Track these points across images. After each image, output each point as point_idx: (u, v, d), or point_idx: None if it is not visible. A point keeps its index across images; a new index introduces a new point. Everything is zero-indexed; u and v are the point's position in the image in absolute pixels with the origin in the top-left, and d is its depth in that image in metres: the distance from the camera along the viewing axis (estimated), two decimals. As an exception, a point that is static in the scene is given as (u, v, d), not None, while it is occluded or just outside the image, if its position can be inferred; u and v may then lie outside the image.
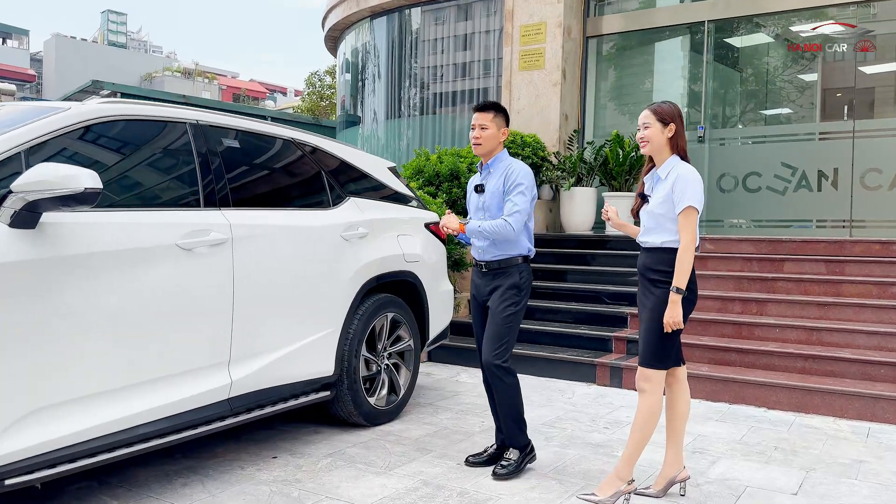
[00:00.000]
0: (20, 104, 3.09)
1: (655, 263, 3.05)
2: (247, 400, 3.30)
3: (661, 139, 3.06)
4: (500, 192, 3.41)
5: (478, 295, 3.54)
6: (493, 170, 3.47)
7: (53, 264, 2.49)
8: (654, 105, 3.13)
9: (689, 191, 2.94)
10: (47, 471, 2.50)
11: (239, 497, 3.03)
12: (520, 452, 3.42)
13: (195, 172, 3.20)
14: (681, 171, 3.01)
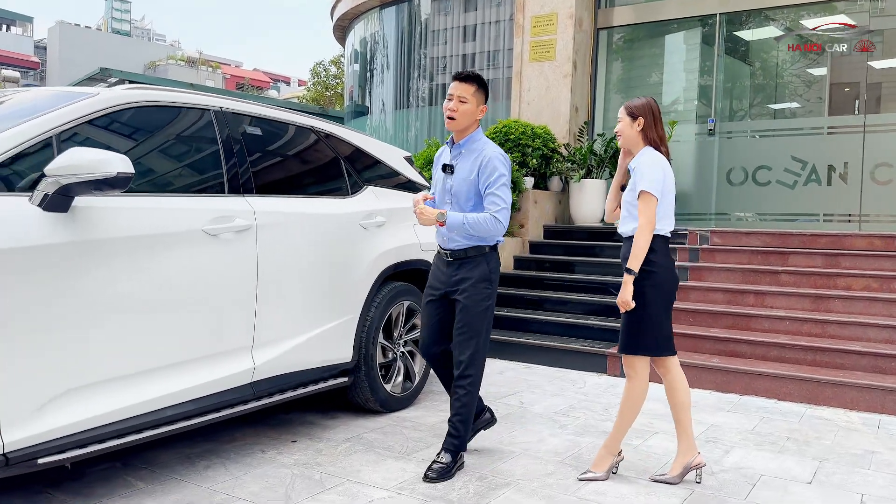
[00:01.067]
0: (46, 89, 3.12)
1: (628, 252, 3.13)
2: (269, 384, 3.34)
3: (632, 132, 3.17)
4: (472, 179, 3.17)
5: (439, 285, 3.29)
6: (466, 151, 3.22)
7: (85, 248, 2.52)
8: (628, 101, 3.26)
9: (647, 177, 3.03)
10: (77, 451, 2.54)
11: (262, 479, 3.07)
12: (453, 457, 3.22)
13: (219, 159, 3.23)
14: (643, 158, 3.12)
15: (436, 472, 3.13)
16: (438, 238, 3.30)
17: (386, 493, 2.98)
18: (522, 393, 4.84)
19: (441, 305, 3.32)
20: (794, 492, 3.13)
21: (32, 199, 2.42)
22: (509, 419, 4.16)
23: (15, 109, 2.85)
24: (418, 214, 3.15)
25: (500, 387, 5.00)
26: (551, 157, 8.11)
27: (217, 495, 2.88)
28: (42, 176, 2.48)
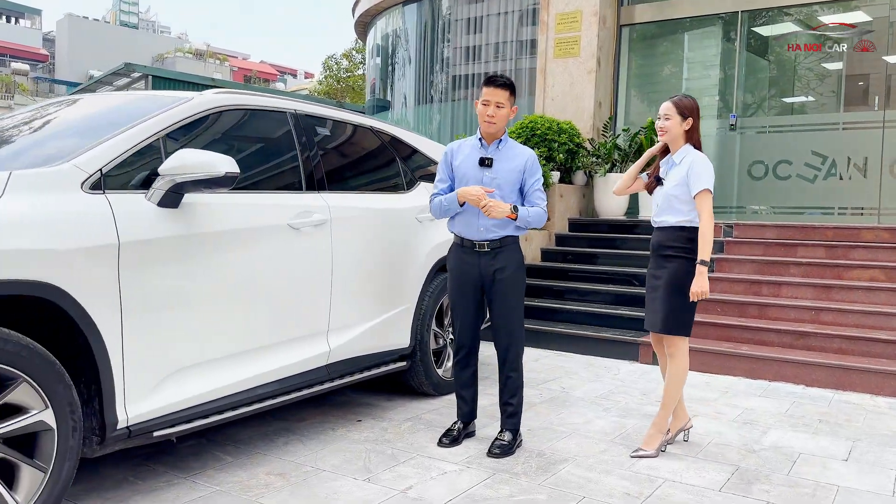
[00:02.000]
0: (142, 94, 3.36)
1: (668, 240, 3.42)
2: (341, 367, 3.59)
3: (679, 130, 3.42)
4: (516, 175, 3.38)
5: (474, 275, 3.41)
6: (503, 149, 3.42)
7: (191, 241, 2.77)
8: (675, 98, 3.48)
9: (705, 175, 3.31)
10: (185, 425, 2.80)
11: (339, 454, 3.32)
12: (514, 435, 3.46)
13: (297, 158, 3.48)
14: (695, 157, 3.38)
15: (499, 448, 3.38)
16: (467, 230, 3.40)
17: (455, 466, 3.23)
18: (561, 379, 5.08)
19: (475, 297, 3.46)
20: (832, 468, 3.37)
21: (149, 197, 2.66)
22: (555, 403, 4.40)
23: (111, 114, 3.09)
24: (491, 208, 3.22)
25: (538, 373, 5.24)
26: (577, 151, 8.33)
27: (303, 467, 3.14)
28: (152, 175, 2.73)
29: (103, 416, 2.47)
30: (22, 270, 2.19)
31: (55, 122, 3.14)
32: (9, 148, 2.88)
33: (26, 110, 3.49)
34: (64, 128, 3.04)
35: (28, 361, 2.20)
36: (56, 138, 2.91)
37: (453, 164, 3.47)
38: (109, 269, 2.45)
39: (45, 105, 3.49)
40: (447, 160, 3.50)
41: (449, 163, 3.49)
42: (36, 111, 3.37)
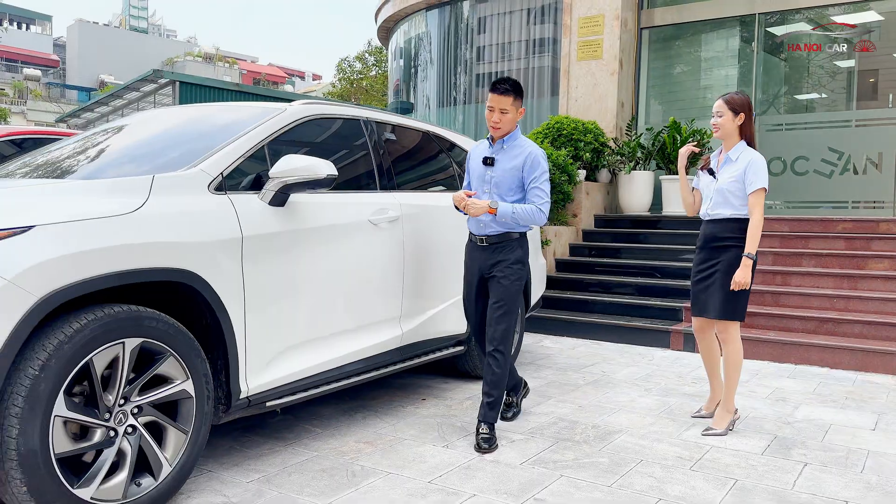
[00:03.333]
0: (231, 105, 3.74)
1: (723, 232, 3.62)
2: (411, 349, 3.96)
3: (732, 126, 3.63)
4: (516, 173, 3.46)
5: (475, 270, 3.58)
6: (507, 147, 3.51)
7: (295, 235, 3.14)
8: (727, 95, 3.67)
9: (762, 174, 3.54)
10: (290, 397, 3.17)
11: (414, 426, 3.69)
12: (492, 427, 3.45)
13: (371, 160, 3.85)
14: (753, 156, 3.58)
15: (487, 442, 3.35)
16: (473, 226, 3.58)
17: (521, 436, 3.59)
18: (600, 364, 5.43)
19: (479, 288, 3.62)
20: (861, 436, 3.71)
21: (261, 196, 3.03)
22: (599, 384, 4.76)
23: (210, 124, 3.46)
24: (469, 206, 3.38)
25: (578, 359, 5.60)
26: (601, 150, 8.68)
27: (385, 437, 3.51)
28: (258, 177, 3.10)
29: (229, 387, 2.85)
30: (170, 259, 2.57)
31: (160, 131, 3.52)
32: (127, 154, 3.26)
33: (123, 122, 3.88)
34: (171, 136, 3.41)
35: (174, 339, 2.58)
36: (170, 146, 3.28)
37: (469, 164, 3.70)
38: (235, 259, 2.82)
39: (142, 117, 3.88)
40: (469, 158, 3.71)
41: (470, 161, 3.71)
42: (135, 122, 3.76)
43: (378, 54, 33.50)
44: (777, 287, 6.43)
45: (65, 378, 2.24)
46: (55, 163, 3.29)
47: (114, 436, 2.42)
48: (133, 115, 4.03)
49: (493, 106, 3.45)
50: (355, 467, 3.09)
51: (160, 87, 15.62)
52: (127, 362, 2.43)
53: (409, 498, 2.77)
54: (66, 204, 2.39)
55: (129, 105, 17.49)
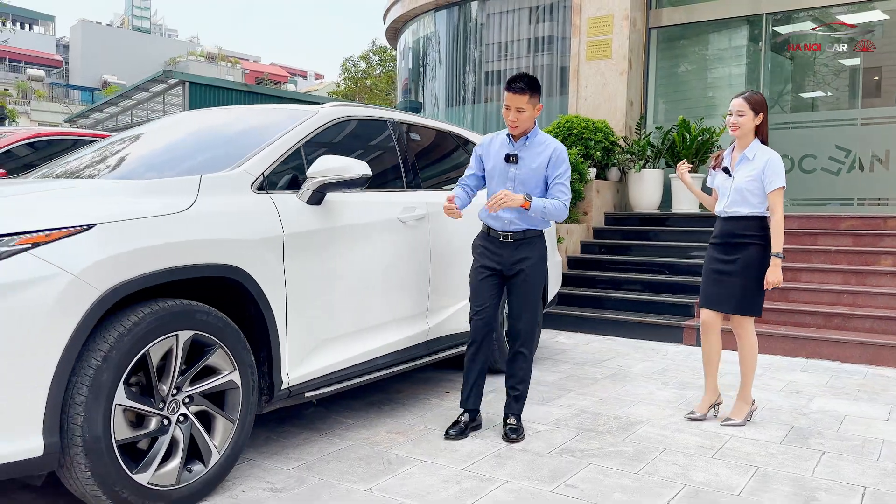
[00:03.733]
0: (270, 108, 3.85)
1: (742, 229, 3.68)
2: (437, 343, 4.08)
3: (751, 126, 3.69)
4: (541, 171, 3.46)
5: (494, 265, 3.51)
6: (530, 144, 3.48)
7: (331, 233, 3.25)
8: (746, 94, 3.71)
9: (781, 173, 3.62)
10: (325, 388, 3.29)
11: (441, 418, 3.81)
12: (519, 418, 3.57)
13: (398, 160, 3.96)
14: (771, 155, 3.65)
15: (515, 432, 3.48)
16: (494, 222, 3.52)
17: (545, 426, 3.71)
18: (616, 359, 5.55)
19: (496, 282, 3.55)
20: (876, 427, 3.83)
21: (299, 195, 3.15)
22: (616, 378, 4.87)
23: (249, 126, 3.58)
24: (504, 197, 3.30)
25: (593, 354, 5.71)
26: (612, 149, 8.79)
27: (415, 427, 3.63)
28: (295, 177, 3.22)
29: (272, 378, 2.96)
30: (220, 256, 2.68)
31: (195, 134, 3.64)
32: (168, 156, 3.38)
33: (156, 124, 4.00)
34: (208, 138, 3.53)
35: (222, 331, 2.69)
36: (208, 148, 3.40)
37: (483, 158, 3.60)
38: (277, 255, 2.94)
39: (174, 119, 4.00)
40: (478, 153, 3.63)
41: (479, 156, 3.62)
42: (168, 125, 3.88)
43: (382, 53, 33.60)
44: (787, 283, 6.53)
45: (124, 368, 2.36)
46: (100, 164, 3.41)
47: (167, 424, 2.54)
48: (165, 118, 4.15)
49: (509, 105, 3.40)
50: (390, 456, 3.21)
51: (169, 88, 15.74)
52: (180, 354, 2.55)
53: (445, 484, 2.89)
54: (122, 203, 2.51)
55: (138, 105, 17.61)
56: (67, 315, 2.20)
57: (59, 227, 2.26)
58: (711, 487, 2.91)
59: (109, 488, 2.33)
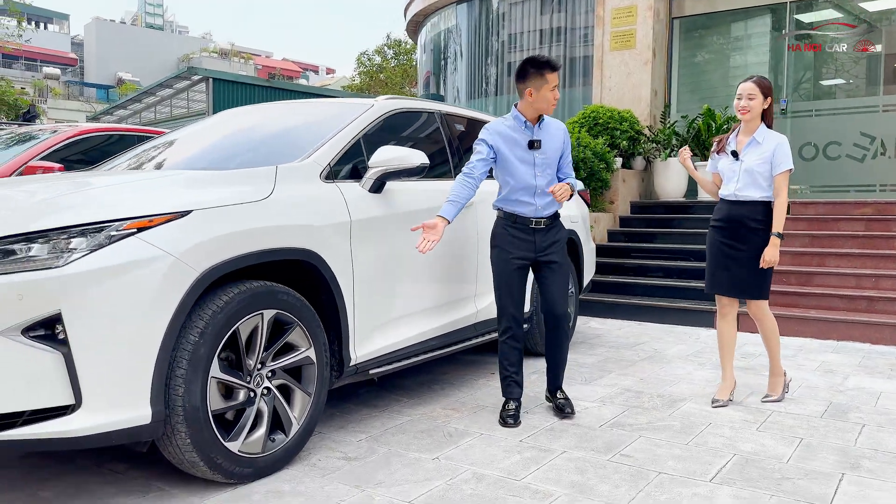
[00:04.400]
0: (322, 102, 4.03)
1: (753, 214, 3.70)
2: (484, 326, 4.24)
3: (759, 109, 3.72)
4: (558, 152, 3.57)
5: (527, 254, 3.54)
6: (544, 127, 3.54)
7: (391, 219, 3.42)
8: (755, 78, 3.72)
9: (789, 156, 3.67)
10: (387, 366, 3.47)
11: (490, 396, 3.98)
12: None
13: (446, 150, 4.13)
14: (780, 139, 3.70)
15: (570, 405, 3.66)
16: (524, 208, 3.52)
17: (592, 404, 3.87)
18: (650, 342, 5.70)
19: (525, 272, 3.59)
20: (911, 401, 3.97)
21: (362, 184, 3.32)
22: (653, 360, 5.03)
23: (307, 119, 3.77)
24: (564, 194, 3.44)
25: (627, 339, 5.87)
26: (637, 138, 8.91)
27: (468, 405, 3.80)
28: (354, 166, 3.39)
29: (341, 355, 3.15)
30: (298, 240, 2.87)
31: (255, 127, 3.82)
32: (237, 148, 3.56)
33: (214, 120, 4.18)
34: (270, 132, 3.72)
35: (300, 311, 2.88)
36: (272, 140, 3.58)
37: (497, 146, 3.52)
38: (345, 240, 3.11)
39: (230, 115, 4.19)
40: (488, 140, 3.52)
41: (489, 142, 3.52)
42: (226, 119, 4.06)
43: (397, 47, 33.70)
44: (815, 268, 6.65)
45: (218, 344, 2.55)
46: (170, 156, 3.61)
47: (254, 396, 2.73)
48: (221, 114, 4.34)
49: (556, 84, 3.46)
50: (449, 429, 3.39)
51: (193, 84, 15.96)
52: (265, 331, 2.74)
53: (507, 454, 3.06)
54: (211, 191, 2.69)
55: (161, 102, 17.87)
56: (171, 294, 2.39)
57: (161, 213, 2.44)
58: (760, 456, 3.07)
59: (206, 454, 2.52)
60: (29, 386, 2.19)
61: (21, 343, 2.18)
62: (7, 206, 2.49)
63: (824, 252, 6.79)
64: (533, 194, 3.52)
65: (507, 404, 3.60)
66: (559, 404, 3.68)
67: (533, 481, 2.76)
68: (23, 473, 2.80)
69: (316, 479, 2.76)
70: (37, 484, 2.69)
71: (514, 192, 3.54)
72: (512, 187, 3.54)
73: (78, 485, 2.69)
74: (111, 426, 2.28)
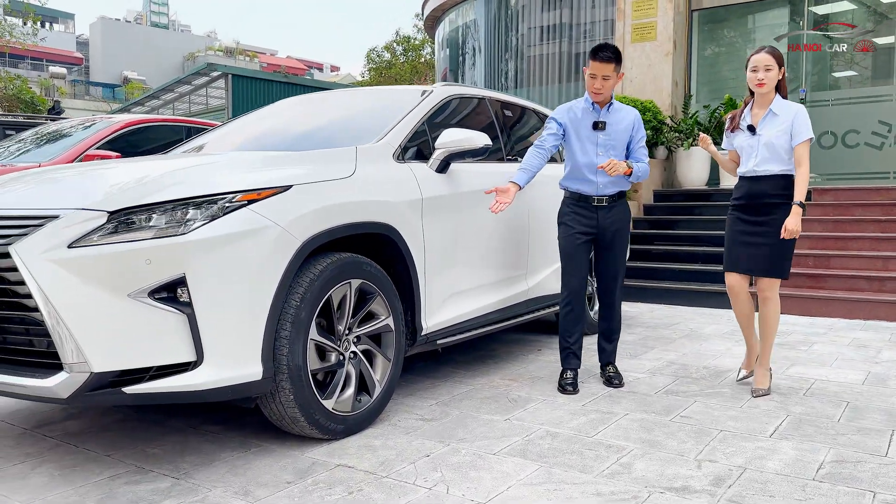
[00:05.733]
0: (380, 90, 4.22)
1: (774, 189, 3.54)
2: (534, 303, 4.44)
3: (776, 81, 3.55)
4: (626, 135, 3.71)
5: (589, 230, 3.72)
6: (612, 111, 3.71)
7: (456, 198, 3.61)
8: (768, 48, 3.54)
9: (808, 124, 3.50)
10: (451, 338, 3.66)
11: (545, 369, 4.17)
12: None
13: (497, 134, 4.32)
14: (798, 108, 3.52)
15: (619, 378, 3.84)
16: (587, 187, 3.71)
17: (642, 374, 4.06)
18: (685, 322, 5.89)
19: (588, 248, 3.79)
20: (946, 371, 4.15)
21: (430, 165, 3.52)
22: (691, 337, 5.22)
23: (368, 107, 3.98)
24: (614, 166, 3.54)
25: (661, 320, 6.05)
26: (660, 128, 9.08)
27: (523, 376, 3.99)
28: (419, 148, 3.58)
29: (414, 325, 3.34)
30: (380, 215, 3.06)
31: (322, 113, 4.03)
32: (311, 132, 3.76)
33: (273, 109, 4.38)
34: (338, 117, 3.92)
35: (381, 281, 3.07)
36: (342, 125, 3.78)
37: (565, 126, 3.74)
38: (417, 216, 3.31)
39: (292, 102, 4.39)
40: (557, 119, 3.76)
41: (559, 121, 3.74)
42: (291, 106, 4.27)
43: (406, 43, 33.84)
44: (840, 251, 6.82)
45: (315, 308, 2.75)
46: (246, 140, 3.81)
47: (343, 359, 2.93)
48: (281, 102, 4.54)
49: (595, 73, 3.59)
50: (512, 396, 3.58)
51: (212, 81, 16.16)
52: (352, 299, 2.94)
53: (573, 416, 3.25)
54: (303, 168, 2.88)
55: (179, 98, 18.08)
56: (278, 260, 2.58)
57: (267, 187, 2.64)
58: (812, 416, 3.26)
59: (307, 411, 2.72)
60: (155, 344, 2.39)
61: (148, 305, 2.37)
62: (115, 182, 2.68)
63: (849, 236, 6.96)
64: (595, 172, 3.69)
65: (564, 373, 3.79)
66: (609, 376, 3.87)
67: (604, 438, 2.96)
68: (122, 436, 3.00)
69: (401, 436, 2.96)
70: (143, 443, 2.90)
71: (578, 170, 3.74)
72: (575, 164, 3.73)
73: (181, 443, 2.89)
74: (228, 381, 2.48)
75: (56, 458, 2.73)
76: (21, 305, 2.41)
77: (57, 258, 2.34)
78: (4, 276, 2.41)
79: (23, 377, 2.41)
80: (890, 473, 2.58)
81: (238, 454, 2.76)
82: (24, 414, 3.30)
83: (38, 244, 2.36)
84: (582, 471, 2.60)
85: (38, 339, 2.42)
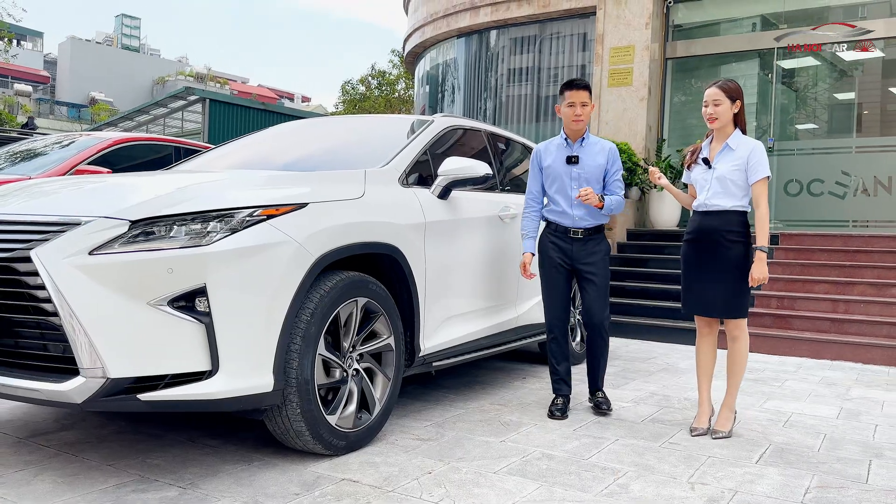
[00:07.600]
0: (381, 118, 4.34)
1: (727, 225, 3.43)
2: (522, 331, 4.54)
3: (729, 115, 3.46)
4: (601, 169, 3.76)
5: (567, 261, 3.79)
6: (586, 144, 3.79)
7: (455, 223, 3.72)
8: (720, 82, 3.48)
9: (765, 162, 3.40)
10: (445, 360, 3.73)
11: (530, 395, 4.25)
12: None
13: (492, 165, 4.46)
14: (755, 144, 3.43)
15: (606, 403, 3.91)
16: (564, 219, 3.79)
17: (627, 404, 4.17)
18: (661, 357, 6.04)
19: (567, 278, 3.86)
20: (912, 408, 4.35)
21: (432, 190, 3.63)
22: (669, 371, 5.36)
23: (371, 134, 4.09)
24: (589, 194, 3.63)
25: (637, 354, 6.20)
26: (635, 169, 9.37)
27: (511, 402, 4.07)
28: (421, 174, 3.69)
29: (413, 346, 3.41)
30: (386, 236, 3.15)
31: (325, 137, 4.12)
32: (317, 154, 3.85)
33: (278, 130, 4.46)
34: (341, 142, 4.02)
35: (385, 301, 3.14)
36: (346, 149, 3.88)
37: (542, 166, 3.86)
38: (420, 239, 3.40)
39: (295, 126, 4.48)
40: (536, 164, 3.89)
41: (538, 166, 3.88)
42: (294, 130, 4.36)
43: (381, 77, 34.25)
44: (806, 294, 7.09)
45: (324, 324, 2.80)
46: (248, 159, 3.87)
47: (346, 376, 2.98)
48: (281, 126, 4.62)
49: (573, 101, 3.71)
50: (504, 420, 3.65)
51: (189, 104, 16.15)
52: (358, 316, 3.00)
53: (565, 440, 3.34)
54: (317, 188, 2.96)
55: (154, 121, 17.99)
56: (293, 274, 2.65)
57: (285, 203, 2.71)
58: (793, 446, 3.39)
59: (312, 425, 2.75)
60: (172, 352, 2.42)
61: (167, 313, 2.41)
62: (136, 192, 2.72)
63: (812, 279, 7.24)
64: (571, 205, 3.78)
65: (555, 399, 3.88)
66: (597, 402, 3.96)
67: (598, 461, 3.04)
68: (121, 447, 2.98)
69: (400, 454, 3.00)
70: (143, 454, 2.89)
71: (555, 203, 3.84)
72: (552, 198, 3.85)
73: (182, 455, 2.89)
74: (242, 391, 2.51)
75: (58, 466, 2.71)
76: (38, 310, 2.42)
77: (78, 264, 2.37)
78: (23, 279, 2.43)
79: (35, 381, 2.41)
80: (871, 499, 2.71)
81: (241, 467, 2.77)
82: (16, 424, 3.26)
83: (59, 249, 2.39)
84: (582, 490, 2.67)
85: (54, 344, 2.43)
